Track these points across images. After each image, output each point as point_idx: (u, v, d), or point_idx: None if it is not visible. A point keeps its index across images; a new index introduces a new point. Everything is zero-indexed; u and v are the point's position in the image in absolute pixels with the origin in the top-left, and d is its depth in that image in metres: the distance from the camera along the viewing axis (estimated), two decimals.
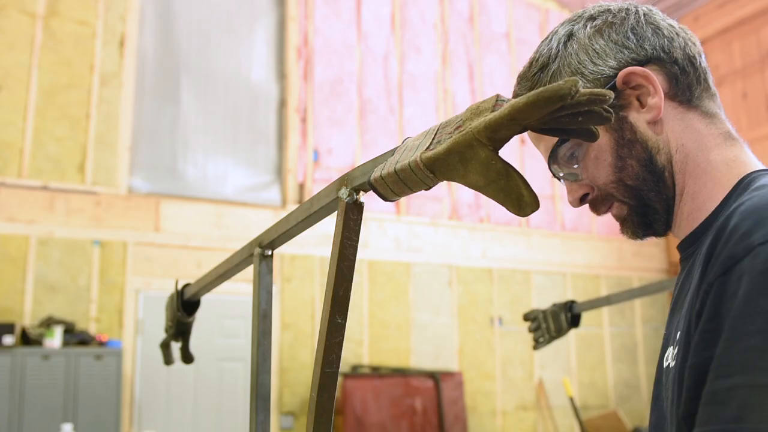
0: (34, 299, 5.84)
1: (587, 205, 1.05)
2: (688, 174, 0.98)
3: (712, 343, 0.77)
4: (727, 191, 0.95)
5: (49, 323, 5.59)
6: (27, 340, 5.49)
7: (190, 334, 1.80)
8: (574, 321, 2.55)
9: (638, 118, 0.98)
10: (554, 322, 2.51)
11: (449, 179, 0.82)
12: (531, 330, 2.55)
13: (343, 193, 0.98)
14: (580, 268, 8.05)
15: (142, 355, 6.09)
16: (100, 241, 6.12)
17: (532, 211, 0.77)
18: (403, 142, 0.92)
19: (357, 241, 1.00)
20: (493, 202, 1.11)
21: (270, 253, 1.32)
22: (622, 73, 0.99)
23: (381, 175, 0.90)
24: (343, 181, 1.00)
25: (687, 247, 0.98)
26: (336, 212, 1.02)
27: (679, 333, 0.89)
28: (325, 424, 1.00)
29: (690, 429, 0.82)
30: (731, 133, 1.00)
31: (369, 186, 0.92)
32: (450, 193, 7.73)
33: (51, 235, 5.98)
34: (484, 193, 0.82)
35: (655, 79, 0.98)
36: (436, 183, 0.84)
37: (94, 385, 5.51)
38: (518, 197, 0.77)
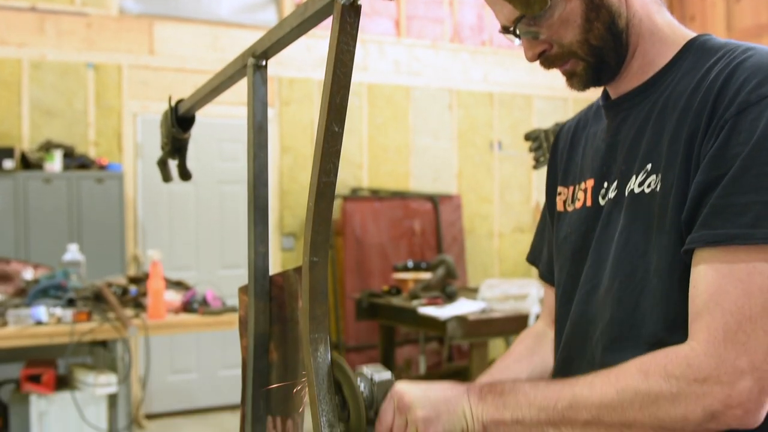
0: (32, 123, 5.80)
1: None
2: (641, 36, 1.13)
3: (720, 166, 0.95)
4: (675, 51, 1.12)
5: (48, 147, 5.58)
6: (27, 164, 5.49)
7: (187, 151, 1.79)
8: None
9: None
10: None
11: None
12: (532, 149, 2.52)
13: None
14: (582, 93, 7.93)
15: (143, 178, 6.13)
16: (94, 64, 6.00)
17: (541, 9, 0.74)
18: None
19: (354, 47, 0.96)
20: (496, 23, 1.10)
21: (264, 63, 1.27)
22: None
23: None
24: None
25: (635, 95, 1.15)
26: (332, 17, 0.97)
27: (650, 164, 1.07)
28: (323, 232, 1.00)
29: (688, 232, 0.99)
30: (659, 0, 1.17)
31: None
32: (452, 14, 7.51)
33: (43, 59, 5.85)
34: None
35: None
36: None
37: (97, 207, 5.57)
38: None
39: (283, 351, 1.25)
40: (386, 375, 1.06)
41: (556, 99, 7.84)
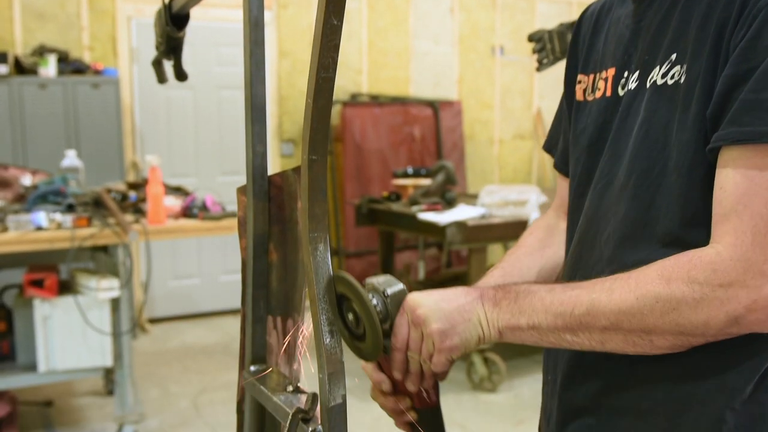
0: (24, 27, 5.68)
1: None
2: None
3: (751, 59, 0.89)
4: None
5: (41, 52, 5.48)
6: (21, 69, 5.40)
7: (182, 51, 1.74)
8: None
9: None
10: (560, 43, 2.43)
11: None
12: (535, 51, 2.47)
13: None
14: None
15: (140, 83, 6.04)
16: None
17: None
18: None
19: None
20: None
21: None
22: None
23: None
24: None
25: None
26: None
27: (675, 54, 1.00)
28: (322, 130, 0.97)
29: (714, 128, 0.93)
30: None
31: None
32: None
33: None
34: None
35: None
36: None
37: (94, 113, 5.51)
38: None
39: (282, 252, 1.24)
40: (398, 287, 1.03)
41: (560, 2, 7.67)
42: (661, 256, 0.95)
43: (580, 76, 1.25)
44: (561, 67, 2.53)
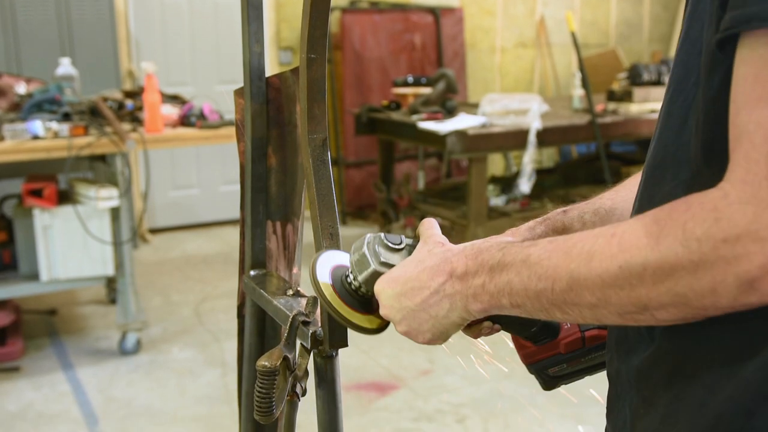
0: None
1: None
2: None
3: None
4: None
5: None
6: None
7: None
8: None
9: None
10: None
11: None
12: None
13: None
14: None
15: None
16: None
17: None
18: None
19: None
20: None
21: None
22: None
23: None
24: None
25: None
26: None
27: None
28: (321, 26, 0.94)
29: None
30: None
31: None
32: None
33: None
34: None
35: None
36: None
37: (88, 20, 5.40)
38: None
39: (281, 155, 1.22)
40: (367, 271, 0.95)
41: None
42: (684, 194, 0.70)
43: None
44: None
